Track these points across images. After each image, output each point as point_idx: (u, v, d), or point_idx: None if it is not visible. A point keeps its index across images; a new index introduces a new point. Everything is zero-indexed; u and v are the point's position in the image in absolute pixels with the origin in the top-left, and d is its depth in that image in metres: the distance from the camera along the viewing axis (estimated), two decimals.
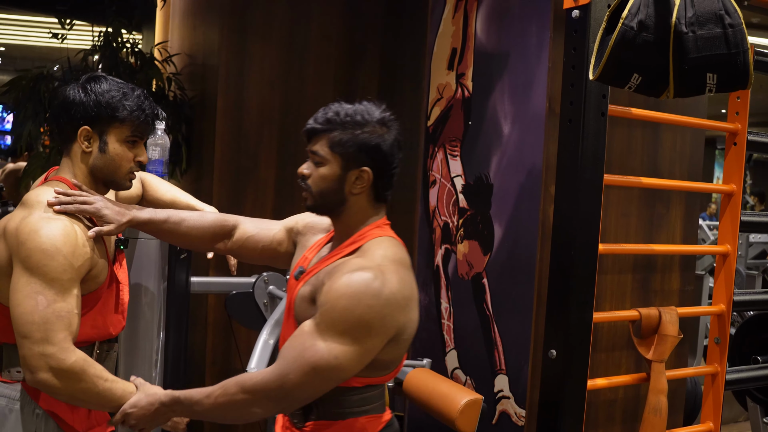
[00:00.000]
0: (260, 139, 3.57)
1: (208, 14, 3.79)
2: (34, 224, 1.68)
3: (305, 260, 1.80)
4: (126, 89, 1.82)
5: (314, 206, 1.72)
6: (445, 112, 3.12)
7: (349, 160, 1.64)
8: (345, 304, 1.52)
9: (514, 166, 2.72)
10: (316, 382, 1.54)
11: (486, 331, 2.83)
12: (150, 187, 2.28)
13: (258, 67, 3.56)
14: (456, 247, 3.01)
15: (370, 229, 1.69)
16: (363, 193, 1.67)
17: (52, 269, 1.64)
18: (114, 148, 1.82)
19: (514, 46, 2.75)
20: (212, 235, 1.97)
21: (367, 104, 1.69)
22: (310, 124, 1.69)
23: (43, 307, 1.62)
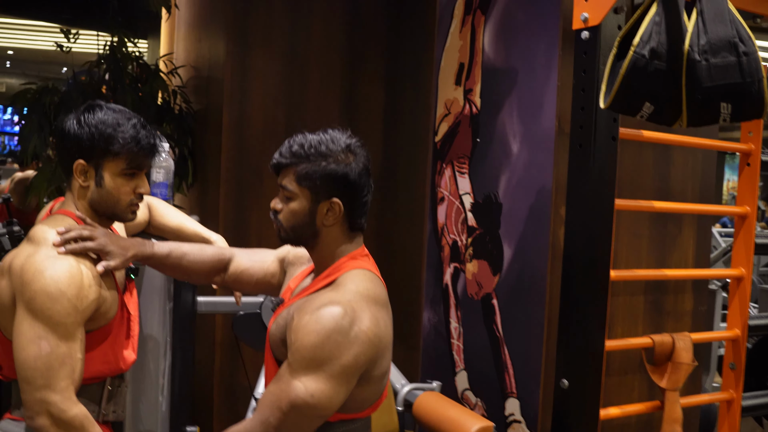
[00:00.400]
0: (264, 153, 3.53)
1: (213, 27, 3.75)
2: (39, 264, 1.64)
3: (288, 291, 1.80)
4: (121, 119, 1.76)
5: (287, 239, 1.71)
6: (452, 128, 3.07)
7: (317, 192, 1.62)
8: (313, 340, 1.51)
9: (523, 186, 2.67)
10: (297, 421, 1.53)
11: (496, 353, 2.78)
12: (156, 212, 2.25)
13: (261, 81, 3.52)
14: (465, 266, 2.96)
15: (345, 261, 1.67)
16: (336, 224, 1.66)
17: (56, 313, 1.61)
18: (110, 182, 1.77)
19: (523, 63, 2.70)
20: (210, 269, 1.96)
21: (332, 132, 1.67)
22: (275, 158, 1.67)
23: (46, 353, 1.59)
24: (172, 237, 2.30)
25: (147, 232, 2.28)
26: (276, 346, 1.66)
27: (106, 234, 1.77)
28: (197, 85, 3.98)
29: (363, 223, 1.70)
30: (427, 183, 3.23)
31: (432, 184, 3.19)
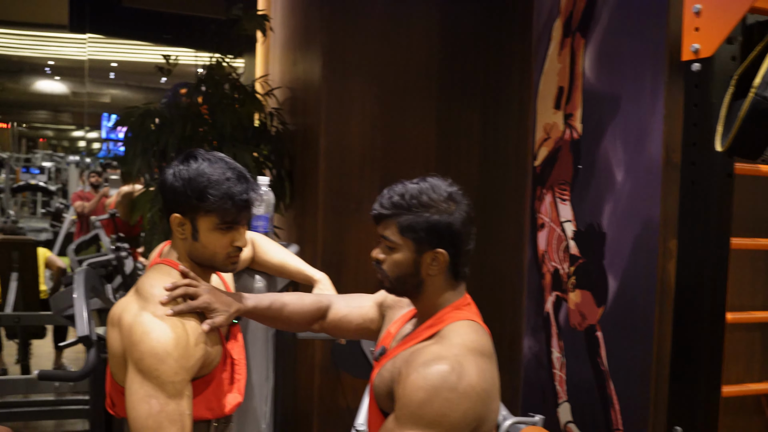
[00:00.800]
0: (363, 180, 3.54)
1: (309, 51, 3.78)
2: (146, 326, 1.67)
3: (388, 336, 1.78)
4: (215, 173, 1.73)
5: (392, 290, 1.69)
6: (552, 153, 3.00)
7: (421, 243, 1.60)
8: (422, 397, 1.48)
9: (628, 216, 2.58)
10: None
11: (601, 387, 2.70)
12: (260, 249, 2.27)
13: (359, 106, 3.52)
14: (567, 296, 2.89)
15: (449, 311, 1.64)
16: (440, 274, 1.63)
17: (163, 373, 1.64)
18: (205, 237, 1.76)
19: (627, 90, 2.60)
20: (309, 318, 1.96)
21: (432, 180, 1.64)
22: (376, 209, 1.65)
23: (156, 412, 1.62)
24: (275, 273, 2.31)
25: (250, 268, 2.30)
26: (381, 398, 1.65)
27: (210, 290, 1.77)
28: (293, 107, 4.03)
29: (466, 272, 1.68)
30: (526, 209, 3.16)
31: (532, 210, 3.12)
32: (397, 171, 3.55)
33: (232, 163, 1.79)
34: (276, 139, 3.96)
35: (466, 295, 1.69)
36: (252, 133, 3.92)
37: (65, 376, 3.01)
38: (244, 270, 2.31)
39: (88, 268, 3.14)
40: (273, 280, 2.38)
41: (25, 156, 17.95)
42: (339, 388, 3.56)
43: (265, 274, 2.35)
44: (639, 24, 2.54)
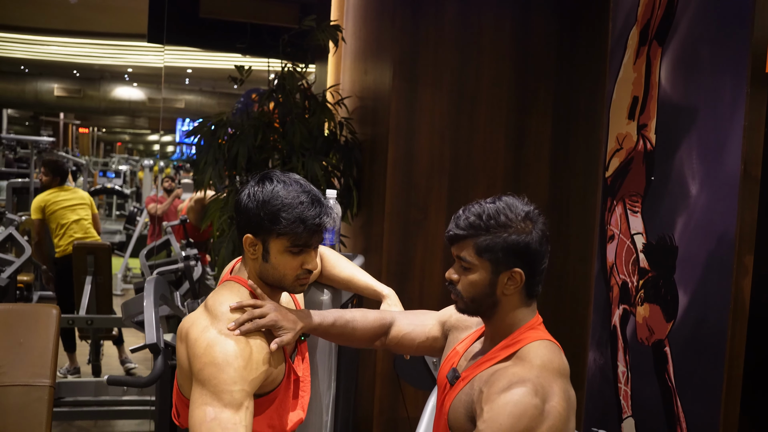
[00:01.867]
0: (430, 190, 3.53)
1: (379, 59, 3.81)
2: (211, 340, 1.69)
3: (456, 355, 1.77)
4: (288, 197, 1.73)
5: (466, 310, 1.68)
6: (624, 164, 2.95)
7: (498, 263, 1.59)
8: (508, 422, 1.46)
9: (702, 230, 2.51)
10: None
11: (668, 404, 2.63)
12: (328, 263, 2.26)
13: (428, 116, 3.52)
14: (635, 309, 2.83)
15: (524, 331, 1.63)
16: (516, 293, 1.62)
17: (221, 381, 1.64)
18: (276, 259, 1.77)
19: (705, 100, 2.54)
20: (372, 335, 1.96)
21: (508, 200, 1.63)
22: (452, 230, 1.64)
23: (210, 419, 1.62)
24: (342, 288, 2.31)
25: (318, 281, 2.31)
26: (460, 422, 1.62)
27: (276, 309, 1.78)
28: (363, 116, 4.05)
29: (539, 290, 1.66)
30: (596, 220, 3.12)
31: (601, 222, 3.07)
32: (466, 181, 3.54)
33: (306, 186, 1.79)
34: (345, 148, 3.99)
35: (538, 315, 1.68)
36: (321, 142, 3.95)
37: (133, 382, 3.07)
38: (311, 283, 2.32)
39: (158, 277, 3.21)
40: (338, 294, 2.39)
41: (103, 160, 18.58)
42: (400, 397, 3.56)
43: (331, 288, 2.35)
44: (720, 32, 2.48)
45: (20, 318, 2.89)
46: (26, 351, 2.82)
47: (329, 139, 3.98)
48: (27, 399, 2.75)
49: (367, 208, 3.89)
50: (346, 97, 4.15)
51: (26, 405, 2.74)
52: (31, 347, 2.83)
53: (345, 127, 3.99)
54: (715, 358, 2.42)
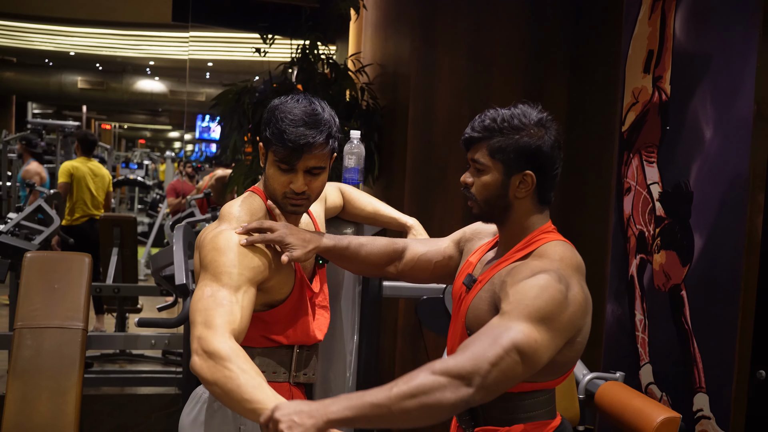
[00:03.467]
0: (449, 150, 3.61)
1: (400, 26, 3.89)
2: (218, 232, 1.75)
3: (470, 265, 1.79)
4: (291, 112, 1.76)
5: (481, 214, 1.71)
6: (640, 117, 3.01)
7: (510, 165, 1.63)
8: (536, 294, 1.48)
9: (716, 173, 2.57)
10: (514, 363, 1.43)
11: (684, 347, 2.69)
12: (351, 199, 2.29)
13: (447, 78, 3.60)
14: (652, 257, 2.89)
15: (539, 234, 1.67)
16: (527, 196, 1.66)
17: (221, 264, 1.68)
18: (269, 170, 1.80)
19: (718, 47, 2.60)
20: (387, 259, 1.97)
21: (523, 107, 1.67)
22: (467, 132, 1.68)
23: (207, 296, 1.64)
24: (367, 222, 2.34)
25: (341, 218, 2.35)
26: (480, 320, 1.61)
27: (287, 226, 1.81)
28: (383, 83, 4.13)
29: (552, 197, 1.70)
30: (613, 174, 3.18)
31: (618, 175, 3.13)
32: None
33: (314, 109, 1.78)
34: (366, 113, 4.07)
35: (550, 222, 1.72)
36: (343, 108, 4.04)
37: (163, 323, 3.16)
38: (333, 219, 2.36)
39: (187, 225, 3.28)
40: (362, 229, 2.43)
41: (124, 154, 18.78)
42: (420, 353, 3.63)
43: (354, 224, 2.38)
44: None
45: (54, 265, 2.99)
46: (60, 296, 2.92)
47: (351, 105, 4.06)
48: (61, 340, 2.84)
49: (387, 171, 3.97)
50: (367, 64, 4.23)
51: (60, 346, 2.84)
52: (64, 292, 2.93)
53: (366, 92, 4.07)
54: (730, 295, 2.47)
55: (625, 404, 2.41)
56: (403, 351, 3.65)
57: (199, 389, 1.93)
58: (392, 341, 3.67)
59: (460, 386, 1.39)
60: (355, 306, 2.67)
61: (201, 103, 12.73)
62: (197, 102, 13.10)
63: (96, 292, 5.03)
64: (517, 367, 1.44)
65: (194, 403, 1.91)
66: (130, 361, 5.66)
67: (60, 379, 2.78)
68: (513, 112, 1.65)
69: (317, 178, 1.82)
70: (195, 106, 13.50)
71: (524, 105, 1.68)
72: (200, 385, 1.94)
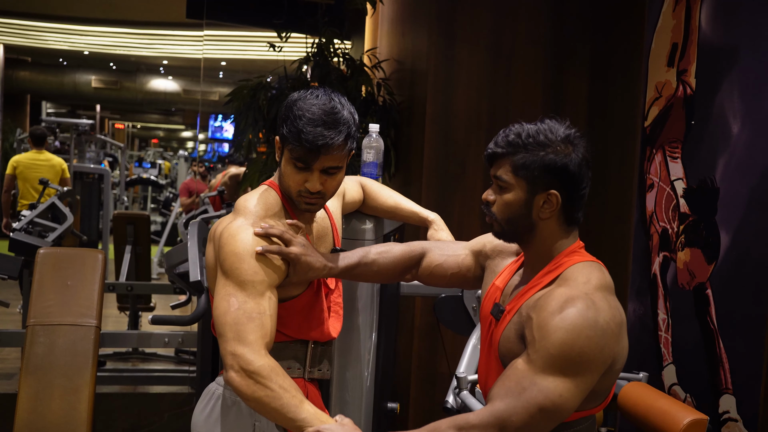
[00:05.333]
0: (468, 145, 3.55)
1: (417, 21, 3.84)
2: (233, 230, 1.71)
3: (496, 291, 1.72)
4: (310, 110, 1.70)
5: (502, 233, 1.64)
6: (664, 111, 2.94)
7: (534, 183, 1.55)
8: (563, 338, 1.43)
9: (744, 168, 2.51)
10: (539, 423, 1.43)
11: (709, 347, 2.63)
12: (372, 193, 2.25)
13: (466, 73, 3.55)
14: (676, 255, 2.82)
15: (565, 256, 1.59)
16: (552, 217, 1.57)
17: (243, 272, 1.66)
18: (285, 167, 1.77)
19: (746, 39, 2.54)
20: (402, 269, 1.93)
21: (550, 122, 1.59)
22: (491, 148, 1.61)
23: (234, 309, 1.63)
24: (387, 216, 2.30)
25: (361, 212, 2.31)
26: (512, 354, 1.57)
27: (305, 245, 1.77)
28: (400, 78, 4.09)
29: (580, 217, 1.62)
30: (635, 170, 3.12)
31: (640, 171, 3.07)
32: None
33: (335, 108, 1.74)
34: (383, 109, 4.02)
35: (579, 240, 1.64)
36: (359, 104, 3.99)
37: (177, 320, 3.12)
38: (353, 213, 2.32)
39: (201, 222, 3.24)
40: (381, 223, 2.38)
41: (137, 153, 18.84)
42: (437, 353, 3.58)
43: (374, 217, 2.34)
44: None
45: (68, 261, 2.96)
46: (73, 292, 2.89)
47: (367, 101, 4.01)
48: (74, 337, 2.81)
49: (404, 168, 3.92)
50: (383, 60, 4.18)
51: (73, 343, 2.81)
52: (77, 289, 2.90)
53: (383, 88, 4.02)
54: (758, 293, 2.41)
55: (649, 405, 2.34)
56: (420, 350, 3.60)
57: (212, 385, 1.90)
58: (409, 340, 3.62)
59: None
60: (373, 305, 2.63)
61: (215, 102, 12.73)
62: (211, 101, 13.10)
63: (109, 290, 5.02)
64: (542, 426, 1.44)
65: (207, 399, 1.89)
66: (143, 360, 5.65)
67: (73, 376, 2.75)
68: (539, 127, 1.58)
69: (333, 177, 1.78)
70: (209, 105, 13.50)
71: (551, 120, 1.61)
72: (213, 382, 1.91)
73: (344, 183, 2.14)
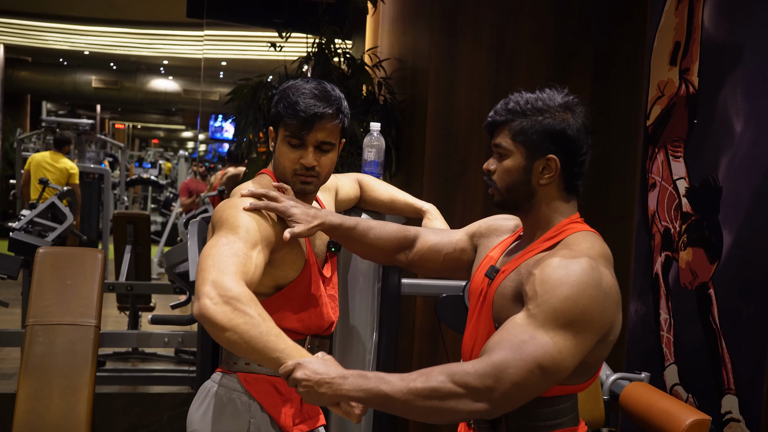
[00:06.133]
0: (470, 144, 3.54)
1: (418, 19, 3.82)
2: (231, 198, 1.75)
3: (491, 260, 1.70)
4: (302, 87, 1.77)
5: (502, 202, 1.62)
6: (666, 110, 2.93)
7: (533, 148, 1.55)
8: (567, 292, 1.39)
9: (747, 167, 2.49)
10: (536, 380, 1.37)
11: (712, 347, 2.61)
12: (367, 187, 2.26)
13: (468, 71, 3.53)
14: (678, 255, 2.81)
15: (566, 224, 1.58)
16: (552, 183, 1.57)
17: (239, 218, 1.66)
18: (279, 148, 1.80)
19: (750, 37, 2.52)
20: (396, 245, 1.90)
21: (549, 90, 1.59)
22: (490, 116, 1.62)
23: (222, 244, 1.59)
24: (384, 211, 2.30)
25: (359, 207, 2.31)
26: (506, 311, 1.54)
27: (293, 199, 1.78)
28: (401, 77, 4.07)
29: (579, 186, 1.61)
30: (637, 169, 3.10)
31: (642, 170, 3.06)
32: None
33: (326, 87, 1.80)
34: (384, 108, 4.01)
35: (578, 214, 1.62)
36: (360, 103, 3.98)
37: (176, 320, 3.12)
38: (352, 209, 2.32)
39: (201, 221, 3.23)
40: (381, 219, 2.38)
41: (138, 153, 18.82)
42: (439, 353, 3.56)
43: (372, 213, 2.35)
44: None
45: (67, 260, 2.94)
46: (73, 292, 2.87)
47: (368, 100, 4.00)
48: (73, 337, 2.79)
49: (406, 168, 3.90)
50: (384, 59, 4.16)
51: (73, 343, 2.79)
52: (77, 288, 2.88)
53: (384, 87, 4.01)
54: (762, 294, 2.39)
55: (651, 406, 2.33)
56: (421, 350, 3.59)
57: (208, 383, 1.90)
58: (410, 340, 3.60)
59: (477, 400, 1.37)
60: (374, 304, 2.61)
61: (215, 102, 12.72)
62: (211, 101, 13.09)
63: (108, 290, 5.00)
64: (538, 383, 1.39)
65: (203, 398, 1.88)
66: (143, 360, 5.64)
67: (72, 376, 2.73)
68: (538, 95, 1.59)
69: (327, 155, 1.82)
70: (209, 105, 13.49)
71: (551, 89, 1.61)
72: (209, 380, 1.90)
73: (338, 179, 2.17)
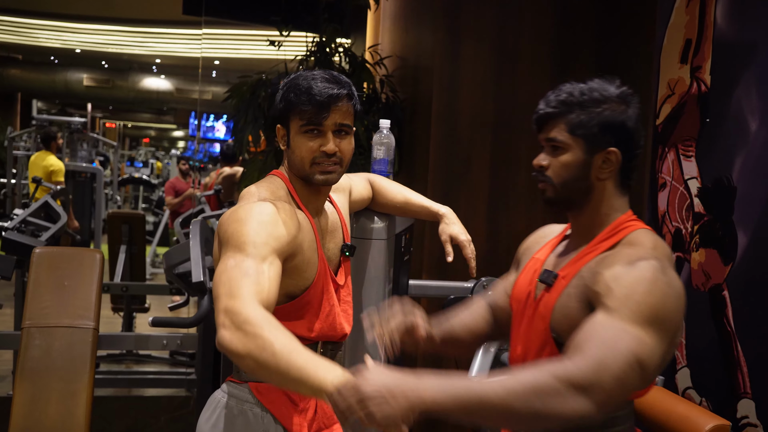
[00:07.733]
0: (473, 144, 3.49)
1: (421, 17, 3.77)
2: (238, 207, 1.66)
3: (536, 263, 1.62)
4: (309, 75, 1.71)
5: (555, 199, 1.54)
6: (677, 109, 2.88)
7: (593, 142, 1.49)
8: (645, 289, 1.32)
9: (763, 166, 2.44)
10: (635, 374, 1.26)
11: (726, 350, 2.56)
12: (379, 188, 2.19)
13: (471, 71, 3.48)
14: (690, 256, 2.76)
15: (624, 221, 1.51)
16: (610, 178, 1.51)
17: (244, 234, 1.56)
18: (294, 141, 1.73)
19: (764, 34, 2.47)
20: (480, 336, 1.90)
21: (600, 81, 1.54)
22: (542, 108, 1.54)
23: (230, 267, 1.51)
24: (398, 213, 2.24)
25: (370, 209, 2.24)
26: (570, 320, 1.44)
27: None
28: (404, 75, 4.02)
29: (632, 181, 1.56)
30: (646, 169, 3.05)
31: (652, 170, 3.01)
32: (509, 135, 3.49)
33: (333, 73, 1.76)
34: (386, 106, 3.95)
35: (631, 211, 1.56)
36: (362, 101, 3.92)
37: (178, 322, 3.05)
38: (362, 211, 2.25)
39: (203, 221, 3.16)
40: (393, 221, 2.31)
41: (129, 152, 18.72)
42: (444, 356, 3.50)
43: (384, 215, 2.27)
44: None
45: (64, 261, 2.87)
46: (70, 293, 2.81)
47: (370, 98, 3.94)
48: (71, 340, 2.73)
49: (408, 166, 3.85)
50: (386, 57, 4.11)
51: (70, 346, 2.72)
52: (75, 290, 2.82)
53: (386, 84, 3.95)
54: None
55: (668, 410, 2.28)
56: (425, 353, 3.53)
57: (218, 393, 1.83)
58: None
59: (581, 399, 1.22)
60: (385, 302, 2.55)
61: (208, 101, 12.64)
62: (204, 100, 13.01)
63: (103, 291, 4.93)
64: (637, 378, 1.26)
65: (213, 408, 1.81)
66: (137, 362, 5.56)
67: (70, 380, 2.66)
68: (591, 85, 1.53)
69: (346, 140, 1.75)
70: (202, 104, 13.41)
71: (601, 80, 1.55)
72: (218, 390, 1.84)
73: (351, 179, 2.09)
